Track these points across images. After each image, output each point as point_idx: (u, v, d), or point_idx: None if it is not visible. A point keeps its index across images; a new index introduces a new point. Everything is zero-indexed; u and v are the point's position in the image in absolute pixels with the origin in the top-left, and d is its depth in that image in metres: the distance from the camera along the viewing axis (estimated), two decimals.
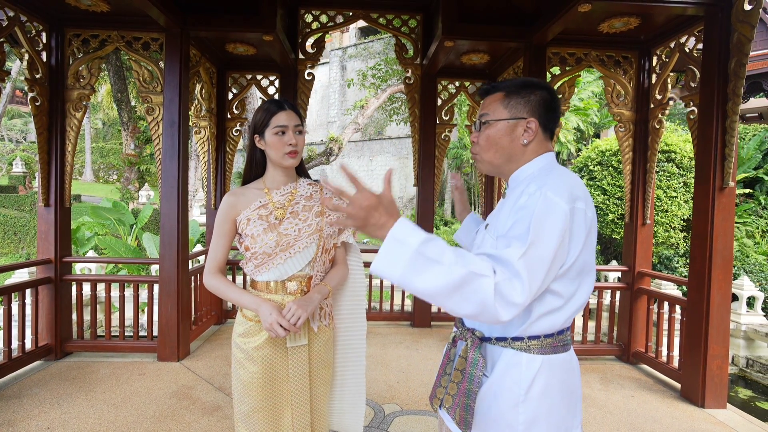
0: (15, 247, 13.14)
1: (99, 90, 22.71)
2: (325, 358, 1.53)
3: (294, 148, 1.44)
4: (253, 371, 1.42)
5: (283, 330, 1.33)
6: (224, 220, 1.47)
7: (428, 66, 4.22)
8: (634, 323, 3.74)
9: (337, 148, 9.49)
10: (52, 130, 3.43)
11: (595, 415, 2.82)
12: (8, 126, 28.15)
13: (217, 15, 3.47)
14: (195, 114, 4.32)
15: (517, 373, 1.04)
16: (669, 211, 5.63)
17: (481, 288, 0.88)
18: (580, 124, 14.55)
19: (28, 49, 3.23)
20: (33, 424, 2.50)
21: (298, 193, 1.51)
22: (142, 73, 3.49)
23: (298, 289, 1.46)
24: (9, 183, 18.41)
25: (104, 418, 2.58)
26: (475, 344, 1.08)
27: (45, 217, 3.45)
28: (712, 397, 2.95)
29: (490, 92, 1.16)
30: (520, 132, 1.11)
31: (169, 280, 3.48)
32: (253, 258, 1.45)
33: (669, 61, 3.46)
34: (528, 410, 1.04)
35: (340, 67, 23.65)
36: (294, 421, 1.45)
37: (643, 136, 3.72)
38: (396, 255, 0.89)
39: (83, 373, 3.22)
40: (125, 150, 12.90)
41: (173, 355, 3.47)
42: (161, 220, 3.48)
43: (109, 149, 25.25)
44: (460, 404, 1.07)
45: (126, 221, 8.51)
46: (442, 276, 0.87)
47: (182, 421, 2.57)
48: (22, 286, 3.29)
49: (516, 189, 1.11)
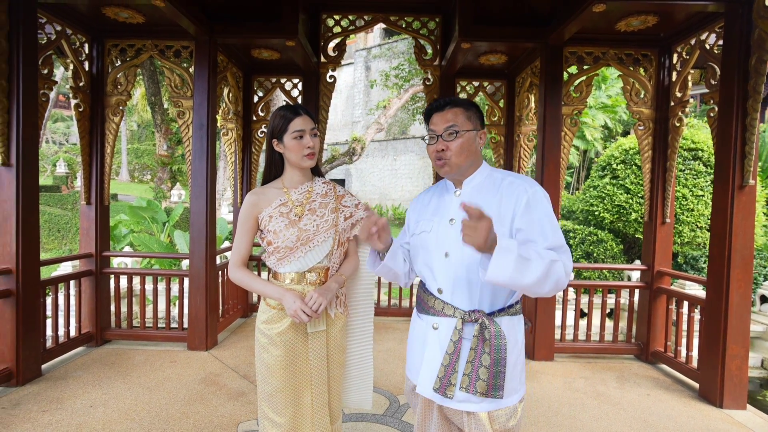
0: (59, 243, 13.96)
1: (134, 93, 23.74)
2: (341, 342, 1.67)
3: (312, 150, 1.57)
4: (276, 354, 1.56)
5: (306, 316, 1.46)
6: (247, 218, 1.62)
7: (447, 67, 4.28)
8: (653, 322, 3.71)
9: (359, 147, 9.65)
10: (93, 133, 3.71)
11: (608, 411, 2.85)
12: (52, 129, 29.77)
13: (243, 23, 3.66)
14: (223, 117, 4.54)
15: (516, 332, 1.33)
16: (695, 210, 5.49)
17: (558, 271, 1.18)
18: (608, 121, 14.20)
19: (72, 60, 3.51)
20: (78, 402, 2.75)
21: (314, 192, 1.65)
22: (174, 79, 3.72)
23: (317, 280, 1.59)
24: (53, 183, 19.50)
25: (140, 399, 2.81)
26: (491, 321, 1.27)
27: (86, 215, 3.73)
28: (731, 398, 2.92)
29: (450, 106, 1.34)
30: (478, 141, 1.37)
31: (198, 274, 3.69)
32: (276, 252, 1.58)
33: (689, 59, 3.42)
34: (520, 356, 1.34)
35: (364, 68, 23.84)
36: (313, 400, 1.58)
37: (663, 135, 3.68)
38: (506, 260, 1.12)
39: (120, 359, 3.47)
40: (158, 151, 13.48)
41: (202, 345, 3.69)
42: (191, 218, 3.70)
43: (144, 150, 26.33)
44: (487, 376, 1.23)
45: (159, 219, 8.94)
46: (537, 269, 1.14)
47: (209, 405, 2.76)
48: (67, 278, 3.58)
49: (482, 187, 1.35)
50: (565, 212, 7.45)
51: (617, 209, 5.95)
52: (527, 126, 4.45)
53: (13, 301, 2.93)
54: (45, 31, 3.22)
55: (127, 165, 25.62)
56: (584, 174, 15.38)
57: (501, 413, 1.28)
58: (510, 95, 4.62)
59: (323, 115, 4.45)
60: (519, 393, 1.32)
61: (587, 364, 3.64)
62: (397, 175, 21.49)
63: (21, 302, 2.93)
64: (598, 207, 6.17)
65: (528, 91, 4.29)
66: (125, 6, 3.22)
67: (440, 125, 1.33)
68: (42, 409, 2.65)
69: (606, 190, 6.08)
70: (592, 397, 3.04)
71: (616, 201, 5.91)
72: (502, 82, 4.64)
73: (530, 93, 4.29)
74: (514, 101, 4.58)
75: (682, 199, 5.57)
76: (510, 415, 1.29)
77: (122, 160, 25.31)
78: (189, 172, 3.72)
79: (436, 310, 1.34)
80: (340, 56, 4.43)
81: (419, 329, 1.41)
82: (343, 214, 1.64)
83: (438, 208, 1.41)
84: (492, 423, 1.26)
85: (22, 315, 2.94)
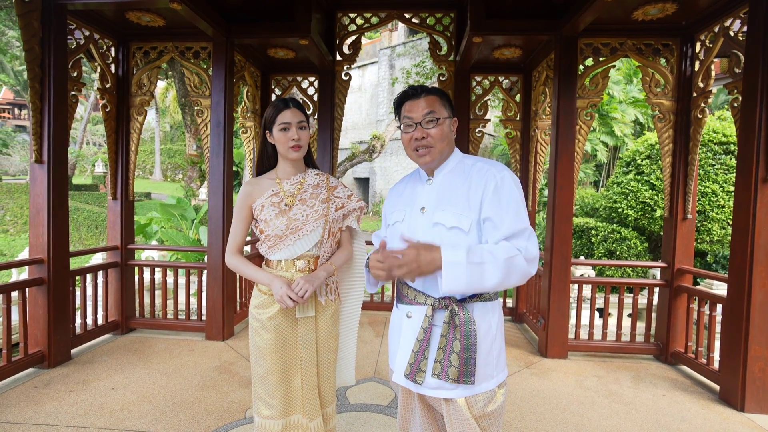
0: (97, 238, 14.71)
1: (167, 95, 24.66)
2: (331, 329, 1.71)
3: (297, 142, 1.63)
4: (267, 338, 1.63)
5: (291, 301, 1.52)
6: (242, 207, 1.69)
7: (461, 62, 4.26)
8: (673, 322, 3.58)
9: (379, 145, 9.70)
10: (119, 132, 3.91)
11: (618, 410, 2.78)
12: (92, 131, 31.32)
13: (258, 23, 3.76)
14: (242, 115, 4.69)
15: (489, 318, 1.32)
16: (726, 207, 5.24)
17: (518, 264, 1.20)
18: (639, 116, 13.70)
19: (100, 63, 3.71)
20: (101, 384, 2.92)
21: (306, 183, 1.70)
22: (193, 79, 3.87)
23: (306, 267, 1.64)
24: (92, 182, 20.55)
25: (157, 384, 2.95)
26: (460, 307, 1.26)
27: (113, 209, 3.94)
28: (753, 401, 2.79)
29: (426, 94, 1.36)
30: (453, 128, 1.42)
31: (215, 267, 3.84)
32: (267, 240, 1.65)
33: (713, 47, 3.27)
34: (497, 346, 1.33)
35: (388, 66, 23.87)
36: (303, 382, 1.64)
37: (685, 127, 3.54)
38: (456, 273, 1.17)
39: (143, 346, 3.65)
40: (188, 151, 13.95)
41: (219, 335, 3.83)
42: (209, 213, 3.85)
43: (176, 150, 27.33)
44: (458, 362, 1.24)
45: (188, 216, 9.29)
46: (495, 272, 1.17)
47: (221, 391, 2.87)
48: (95, 269, 3.80)
49: (453, 175, 1.36)
50: (588, 209, 7.25)
51: (641, 206, 5.75)
52: (543, 121, 4.37)
53: (45, 289, 3.13)
54: (74, 37, 3.42)
55: (161, 165, 26.64)
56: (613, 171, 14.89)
57: (478, 398, 1.28)
58: (526, 90, 4.55)
59: (339, 112, 4.51)
60: (496, 378, 1.31)
61: (602, 363, 3.55)
62: None
63: (52, 290, 3.14)
64: (621, 204, 5.99)
65: (544, 85, 4.21)
66: (147, 10, 3.38)
67: (417, 112, 1.33)
68: (69, 389, 2.83)
69: (630, 187, 5.89)
70: (603, 396, 2.97)
71: (640, 197, 5.72)
72: (518, 77, 4.58)
73: (546, 87, 4.21)
74: (530, 96, 4.51)
75: (711, 195, 5.33)
76: (487, 400, 1.29)
77: (156, 160, 26.33)
78: (207, 169, 3.86)
79: (410, 299, 1.35)
80: (356, 54, 4.48)
81: (396, 319, 1.43)
82: (334, 204, 1.69)
83: (411, 198, 1.42)
84: (470, 409, 1.27)
85: (53, 302, 3.15)
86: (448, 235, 1.28)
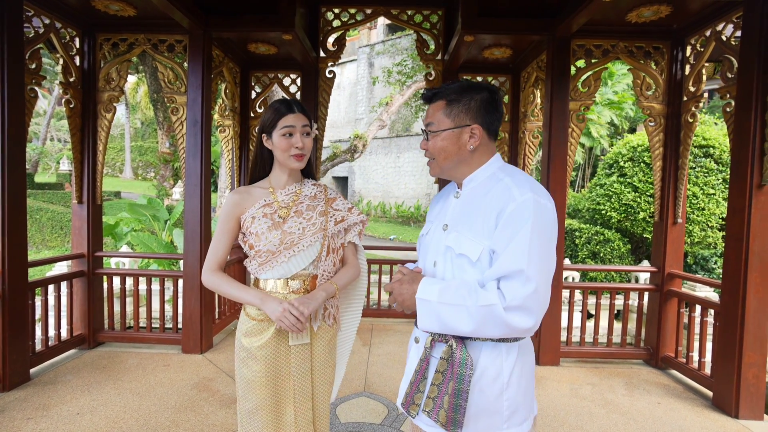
0: (62, 240, 13.95)
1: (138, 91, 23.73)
2: (328, 358, 1.53)
3: (300, 151, 1.44)
4: (256, 369, 1.43)
5: (296, 320, 1.33)
6: (228, 218, 1.49)
7: (449, 62, 4.14)
8: (663, 326, 3.57)
9: (361, 145, 9.52)
10: (84, 131, 3.60)
11: (617, 421, 2.72)
12: (56, 126, 29.85)
13: (238, 16, 3.53)
14: (219, 113, 4.43)
15: (499, 363, 1.10)
16: (706, 209, 5.33)
17: (496, 315, 1.01)
18: (614, 118, 14.00)
19: (62, 54, 3.40)
20: (65, 409, 2.65)
21: (303, 193, 1.52)
22: (167, 74, 3.61)
23: (301, 288, 1.46)
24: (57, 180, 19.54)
25: (129, 406, 2.70)
26: (459, 344, 1.09)
27: (78, 214, 3.63)
28: (747, 408, 2.78)
29: (432, 99, 1.17)
30: (465, 139, 1.14)
31: (192, 275, 3.59)
32: (257, 256, 1.46)
33: (704, 51, 3.26)
34: (510, 395, 1.10)
35: (368, 64, 23.70)
36: (297, 417, 1.46)
37: (675, 131, 3.53)
38: (426, 311, 1.08)
39: (113, 362, 3.38)
40: (160, 148, 13.41)
41: (196, 348, 3.59)
42: (185, 217, 3.60)
43: (147, 147, 26.34)
44: (448, 405, 1.06)
45: (161, 217, 8.84)
46: (467, 319, 1.02)
47: (201, 413, 2.66)
48: (57, 279, 3.49)
49: (478, 190, 1.16)
50: (571, 211, 7.30)
51: (624, 208, 5.79)
52: (532, 122, 4.31)
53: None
54: (32, 25, 3.12)
55: (131, 162, 25.64)
56: (589, 171, 15.19)
57: None
58: (515, 91, 4.47)
59: (322, 111, 4.32)
60: None
61: (594, 369, 3.51)
62: (400, 173, 21.36)
63: (8, 305, 2.84)
64: (604, 206, 6.02)
65: (533, 86, 4.14)
66: None
67: (424, 120, 1.19)
68: (27, 417, 2.55)
69: (613, 189, 5.92)
70: (600, 406, 2.91)
71: (623, 199, 5.76)
72: (507, 77, 4.50)
73: (536, 88, 4.14)
74: (518, 97, 4.43)
75: (692, 197, 5.41)
76: None
77: (126, 157, 25.33)
78: (182, 170, 3.61)
79: None
80: (340, 51, 4.30)
81: (411, 339, 1.29)
82: (333, 217, 1.51)
83: (442, 210, 1.26)
84: None
85: (8, 318, 2.84)
86: (458, 263, 1.11)
